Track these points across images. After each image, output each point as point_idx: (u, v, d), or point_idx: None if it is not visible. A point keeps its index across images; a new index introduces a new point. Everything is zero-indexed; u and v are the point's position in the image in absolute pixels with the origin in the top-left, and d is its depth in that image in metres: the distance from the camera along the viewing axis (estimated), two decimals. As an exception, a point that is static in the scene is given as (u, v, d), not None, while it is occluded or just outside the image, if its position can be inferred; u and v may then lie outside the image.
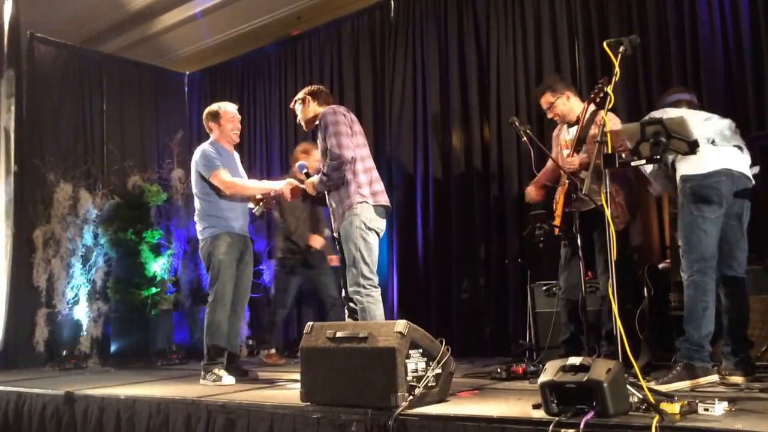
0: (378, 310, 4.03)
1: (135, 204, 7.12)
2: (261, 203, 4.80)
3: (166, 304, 7.11)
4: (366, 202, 4.08)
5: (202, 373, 4.57)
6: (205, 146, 4.80)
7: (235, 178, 4.74)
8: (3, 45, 7.01)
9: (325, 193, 4.27)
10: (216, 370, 4.49)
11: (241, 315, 4.88)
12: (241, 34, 8.27)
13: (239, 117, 4.93)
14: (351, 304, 4.14)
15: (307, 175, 4.43)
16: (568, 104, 4.44)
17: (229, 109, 4.88)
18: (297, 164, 4.84)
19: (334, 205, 4.21)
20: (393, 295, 6.45)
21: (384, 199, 4.19)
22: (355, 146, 4.14)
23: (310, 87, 4.46)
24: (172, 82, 8.68)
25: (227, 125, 4.83)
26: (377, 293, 4.06)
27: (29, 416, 4.51)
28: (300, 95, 4.41)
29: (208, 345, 4.59)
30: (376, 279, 4.08)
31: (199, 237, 4.77)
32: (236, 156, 4.98)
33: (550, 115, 4.54)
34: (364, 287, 4.02)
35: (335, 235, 4.30)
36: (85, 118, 7.71)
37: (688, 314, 3.47)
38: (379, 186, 4.21)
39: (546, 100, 4.48)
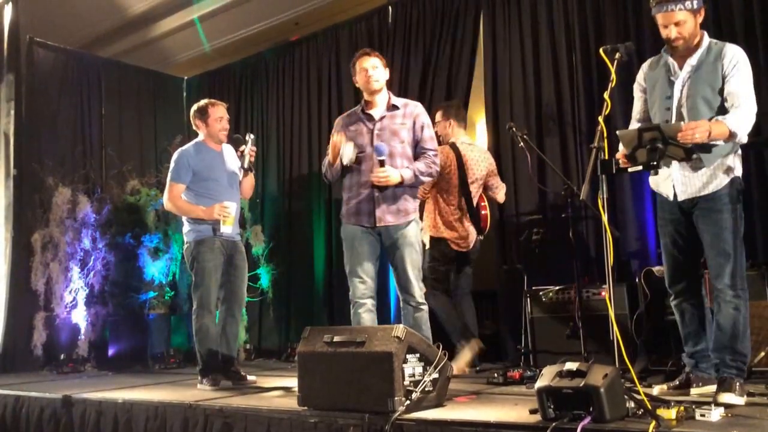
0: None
1: (133, 208, 7.11)
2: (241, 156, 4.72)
3: (164, 308, 7.10)
4: None
5: (199, 377, 4.57)
6: (187, 148, 4.77)
7: (190, 201, 4.64)
8: (2, 49, 7.03)
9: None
10: (213, 374, 4.50)
11: (238, 319, 4.87)
12: (239, 40, 8.27)
13: (228, 116, 4.84)
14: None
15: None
16: None
17: (217, 107, 4.79)
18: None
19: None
20: (390, 301, 6.44)
21: None
22: None
23: None
24: (171, 87, 8.67)
25: (215, 125, 4.74)
26: None
27: (27, 420, 4.52)
28: None
29: (200, 351, 4.58)
30: None
31: (185, 238, 4.74)
32: (227, 152, 4.86)
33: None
34: None
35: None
36: (83, 123, 7.72)
37: (738, 335, 3.15)
38: None
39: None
